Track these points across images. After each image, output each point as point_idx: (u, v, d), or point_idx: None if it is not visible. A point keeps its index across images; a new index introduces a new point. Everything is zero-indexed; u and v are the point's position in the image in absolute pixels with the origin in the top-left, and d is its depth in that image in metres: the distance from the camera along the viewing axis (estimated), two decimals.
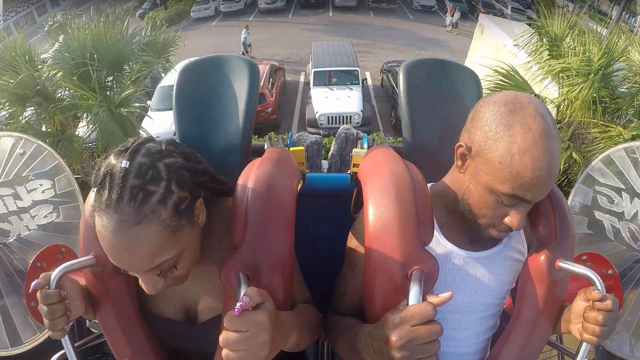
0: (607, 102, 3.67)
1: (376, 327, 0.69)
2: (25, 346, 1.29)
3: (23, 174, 1.35)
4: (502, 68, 3.96)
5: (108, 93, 3.84)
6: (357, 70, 8.76)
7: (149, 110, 8.00)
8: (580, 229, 1.32)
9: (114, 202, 0.60)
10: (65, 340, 0.76)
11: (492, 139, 0.71)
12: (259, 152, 1.05)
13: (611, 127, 3.57)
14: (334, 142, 3.97)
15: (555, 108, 3.96)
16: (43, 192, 1.35)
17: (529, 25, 4.40)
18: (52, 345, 0.92)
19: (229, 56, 1.16)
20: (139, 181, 0.62)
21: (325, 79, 8.61)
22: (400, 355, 0.62)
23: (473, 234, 0.82)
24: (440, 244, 0.83)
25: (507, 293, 0.90)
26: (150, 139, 0.69)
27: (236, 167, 1.01)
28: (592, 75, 3.49)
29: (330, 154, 3.92)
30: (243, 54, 12.07)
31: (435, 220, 0.84)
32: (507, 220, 0.75)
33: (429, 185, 0.88)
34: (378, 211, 0.76)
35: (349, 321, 0.84)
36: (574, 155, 3.68)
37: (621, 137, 3.43)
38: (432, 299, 0.63)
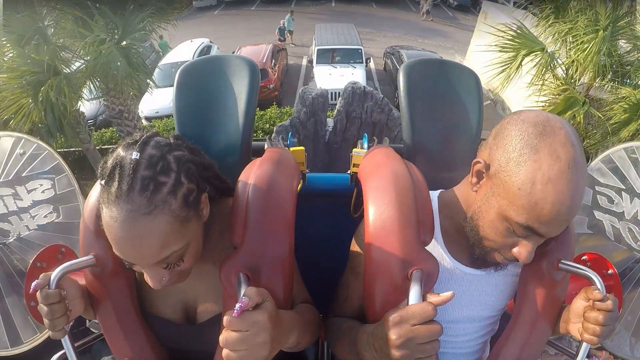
0: (616, 67, 3.73)
1: (377, 325, 0.69)
2: (25, 346, 1.29)
3: (23, 174, 1.35)
4: (514, 25, 4.03)
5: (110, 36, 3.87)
6: (360, 49, 8.70)
7: (149, 87, 8.47)
8: (580, 229, 1.32)
9: (125, 193, 0.60)
10: (65, 340, 0.76)
11: (514, 161, 0.65)
12: (259, 152, 1.05)
13: (622, 88, 3.64)
14: (340, 98, 3.70)
15: (565, 71, 4.01)
16: (43, 192, 1.35)
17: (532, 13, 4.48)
18: (52, 345, 0.92)
19: (229, 56, 1.16)
20: (150, 172, 0.62)
21: (329, 57, 8.58)
22: (400, 354, 0.62)
23: (477, 254, 0.78)
24: (444, 259, 0.82)
25: (507, 303, 0.90)
26: (157, 133, 0.70)
27: (236, 167, 1.01)
28: (601, 31, 3.52)
29: (336, 110, 3.70)
30: (280, 40, 12.02)
31: (441, 235, 0.82)
32: (515, 250, 0.70)
33: (438, 192, 0.88)
34: (378, 211, 0.76)
35: (349, 323, 0.84)
36: (592, 111, 3.71)
37: (632, 97, 3.51)
38: (433, 298, 0.63)
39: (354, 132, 3.79)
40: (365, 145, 1.23)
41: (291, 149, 1.18)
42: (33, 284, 0.69)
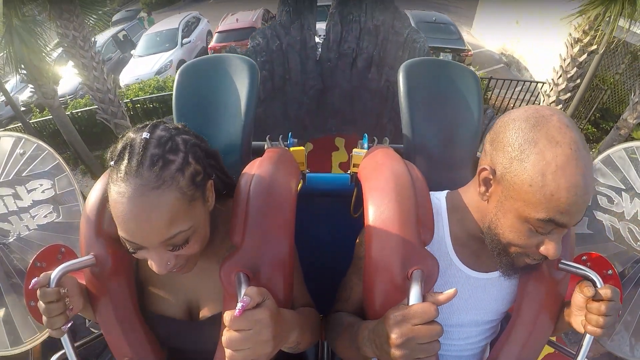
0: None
1: (379, 322, 0.69)
2: (25, 346, 1.29)
3: (23, 174, 1.35)
4: None
5: None
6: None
7: (134, 57, 9.65)
8: (580, 229, 1.32)
9: (135, 168, 0.62)
10: (65, 340, 0.76)
11: (517, 159, 0.64)
12: (259, 152, 1.05)
13: None
14: None
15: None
16: (43, 192, 1.35)
17: None
18: (52, 345, 0.91)
19: (229, 56, 1.16)
20: (159, 150, 0.64)
21: (326, 14, 8.57)
22: (400, 353, 0.62)
23: (504, 263, 0.76)
24: (452, 263, 0.81)
25: (509, 306, 0.89)
26: (165, 121, 0.73)
27: (236, 167, 1.01)
28: None
29: (329, 12, 2.96)
30: None
31: (450, 238, 0.82)
32: (542, 249, 0.68)
33: (443, 193, 0.87)
34: (378, 211, 0.76)
35: (350, 319, 0.84)
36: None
37: None
38: (436, 296, 0.63)
39: (351, 44, 3.00)
40: (366, 146, 1.23)
41: (291, 149, 1.18)
42: (33, 281, 0.69)
